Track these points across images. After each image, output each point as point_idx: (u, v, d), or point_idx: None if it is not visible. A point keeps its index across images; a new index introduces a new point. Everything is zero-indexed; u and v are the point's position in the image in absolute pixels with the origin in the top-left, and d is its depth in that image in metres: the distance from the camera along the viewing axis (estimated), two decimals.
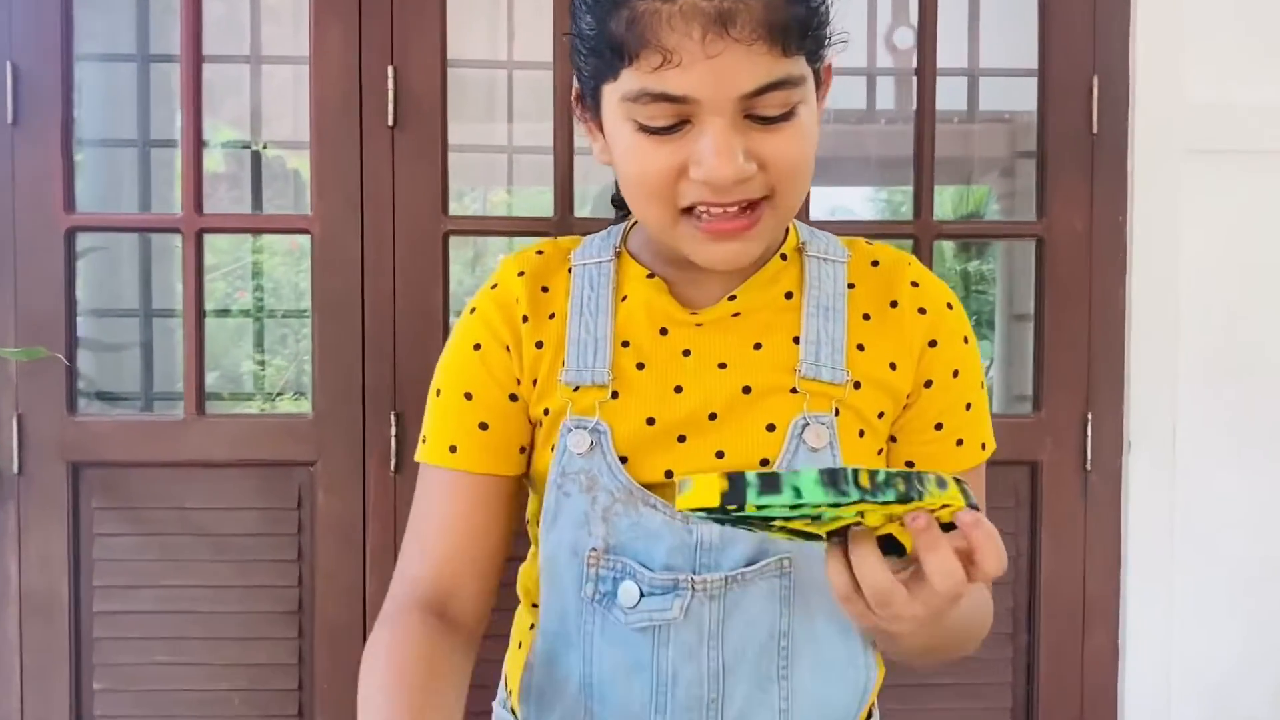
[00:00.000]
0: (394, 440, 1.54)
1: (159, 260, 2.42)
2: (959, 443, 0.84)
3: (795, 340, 0.81)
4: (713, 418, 0.79)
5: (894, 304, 0.83)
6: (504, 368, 0.83)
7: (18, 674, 1.54)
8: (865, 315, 0.83)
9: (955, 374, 0.83)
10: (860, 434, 0.81)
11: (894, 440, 0.84)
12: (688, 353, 0.81)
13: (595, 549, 0.78)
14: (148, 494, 1.55)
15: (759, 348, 0.81)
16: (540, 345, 0.82)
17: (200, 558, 1.55)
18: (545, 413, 0.82)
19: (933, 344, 0.83)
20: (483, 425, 0.82)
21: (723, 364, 0.80)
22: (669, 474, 0.79)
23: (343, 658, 1.54)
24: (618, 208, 0.96)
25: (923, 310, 0.83)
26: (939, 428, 0.83)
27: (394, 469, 1.55)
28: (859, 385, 0.80)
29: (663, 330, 0.82)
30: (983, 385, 0.86)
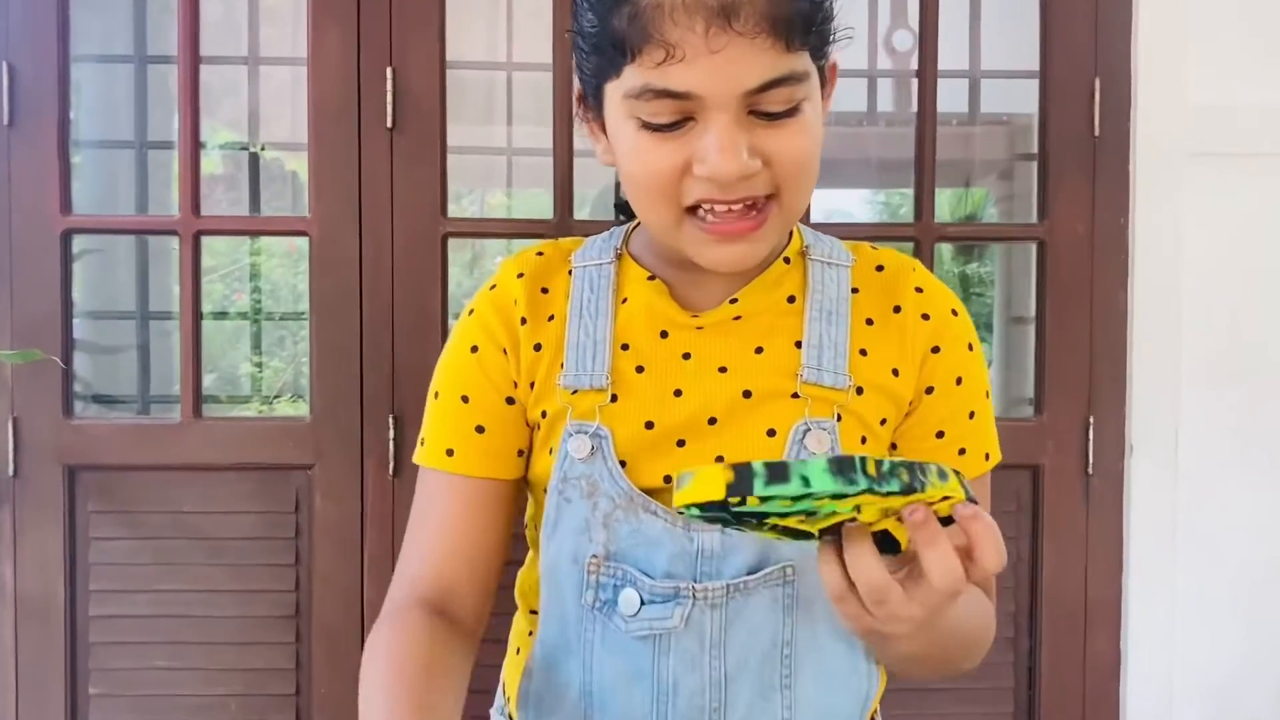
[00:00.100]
0: (392, 443, 1.53)
1: (156, 262, 2.41)
2: (961, 452, 0.83)
3: (797, 344, 0.80)
4: (712, 422, 0.78)
5: (897, 309, 0.82)
6: (501, 370, 0.82)
7: (13, 679, 1.53)
8: (868, 320, 0.82)
9: (958, 381, 0.82)
10: (862, 440, 0.80)
11: (894, 448, 0.84)
12: (688, 356, 0.80)
13: (596, 556, 0.78)
14: (144, 497, 1.54)
15: (760, 352, 0.80)
16: (538, 348, 0.82)
17: (197, 562, 1.54)
18: (543, 415, 0.81)
19: (935, 350, 0.82)
20: (479, 428, 0.82)
21: (723, 368, 0.80)
22: (668, 479, 0.78)
23: (340, 662, 1.54)
24: (621, 212, 0.96)
25: (926, 316, 0.82)
26: (940, 435, 0.82)
27: (392, 472, 1.54)
28: (861, 391, 0.80)
29: (663, 333, 0.81)
30: (988, 395, 0.85)
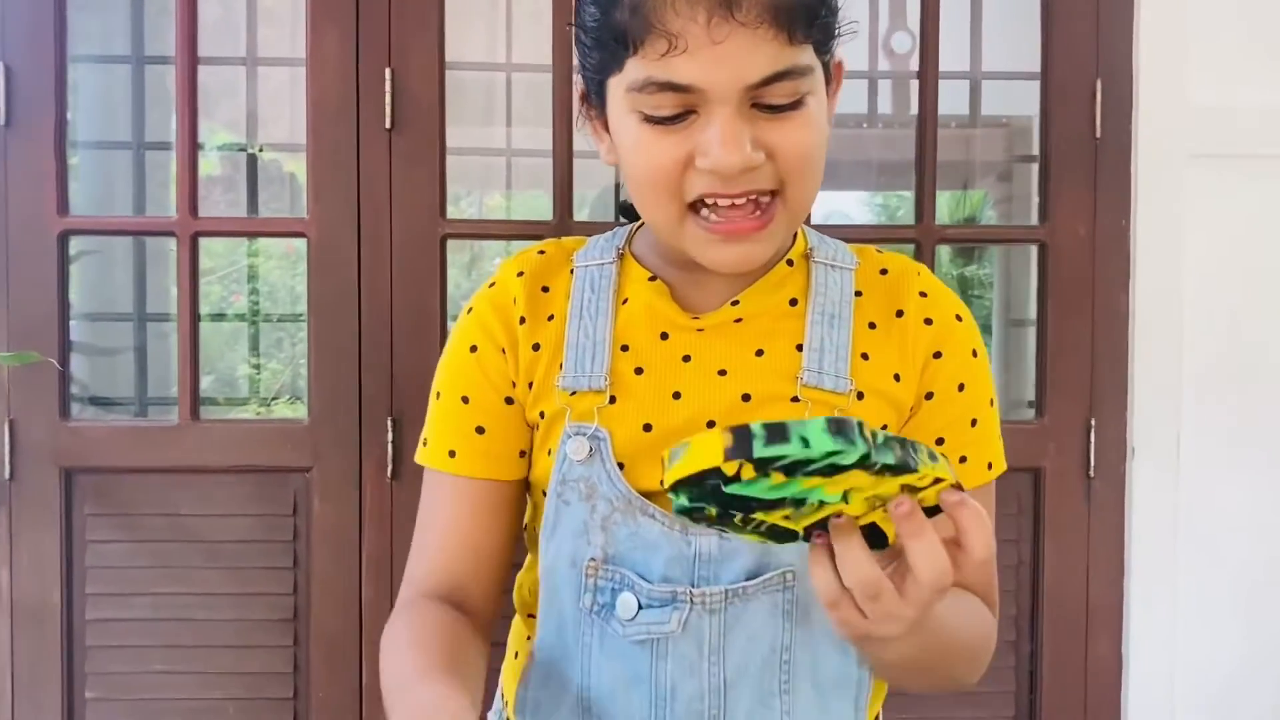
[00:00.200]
0: (390, 446, 1.53)
1: (153, 264, 2.40)
2: (962, 459, 0.81)
3: (798, 348, 0.79)
4: (711, 425, 0.78)
5: (900, 314, 0.82)
6: (499, 370, 0.82)
7: (9, 682, 1.53)
8: (871, 324, 0.81)
9: (960, 388, 0.81)
10: None
11: None
12: (688, 358, 0.80)
13: (594, 559, 0.77)
14: (141, 500, 1.53)
15: (760, 354, 0.79)
16: (537, 348, 0.81)
17: (194, 565, 1.53)
18: (541, 416, 0.81)
19: (938, 355, 0.81)
20: (480, 429, 0.81)
21: (723, 371, 0.79)
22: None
23: (338, 666, 1.53)
24: (623, 214, 0.95)
25: (929, 321, 0.82)
26: (940, 442, 0.81)
27: (391, 475, 1.53)
28: (862, 395, 0.79)
29: (663, 334, 0.81)
30: (993, 403, 0.83)
